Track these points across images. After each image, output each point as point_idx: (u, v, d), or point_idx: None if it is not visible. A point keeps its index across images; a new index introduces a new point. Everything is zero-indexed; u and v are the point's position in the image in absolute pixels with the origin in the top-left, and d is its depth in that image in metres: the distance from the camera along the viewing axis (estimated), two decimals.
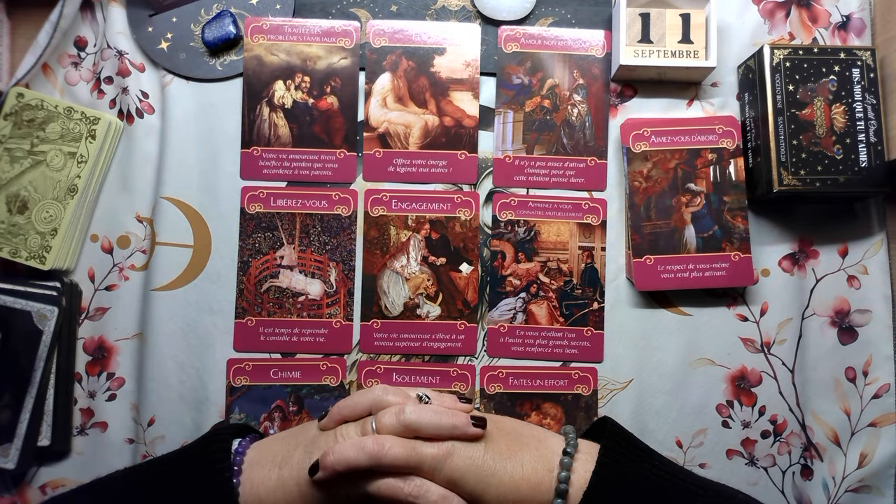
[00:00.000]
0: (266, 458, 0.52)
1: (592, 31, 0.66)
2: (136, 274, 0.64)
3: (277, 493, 0.50)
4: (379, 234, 0.65)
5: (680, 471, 0.53)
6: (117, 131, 0.65)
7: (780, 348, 0.64)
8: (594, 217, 0.65)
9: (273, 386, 0.63)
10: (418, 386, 0.63)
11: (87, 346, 0.64)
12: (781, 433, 0.64)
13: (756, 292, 0.65)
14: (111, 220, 0.65)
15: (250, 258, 0.64)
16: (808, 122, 0.61)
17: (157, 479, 0.52)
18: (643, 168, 0.63)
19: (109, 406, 0.63)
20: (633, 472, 0.50)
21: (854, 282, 0.65)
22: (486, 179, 0.66)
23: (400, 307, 0.64)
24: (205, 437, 0.54)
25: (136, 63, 0.65)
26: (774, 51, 0.61)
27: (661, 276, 0.63)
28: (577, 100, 0.66)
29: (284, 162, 0.65)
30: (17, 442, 0.59)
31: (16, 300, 0.60)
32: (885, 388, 0.64)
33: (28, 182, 0.62)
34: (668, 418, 0.63)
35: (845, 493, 0.63)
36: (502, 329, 0.64)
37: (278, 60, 0.65)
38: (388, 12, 0.67)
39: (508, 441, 0.51)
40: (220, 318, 0.64)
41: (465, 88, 0.66)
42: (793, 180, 0.60)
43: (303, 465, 0.50)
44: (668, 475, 0.51)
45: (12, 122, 0.62)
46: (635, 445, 0.53)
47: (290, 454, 0.51)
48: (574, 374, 0.64)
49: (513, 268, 0.65)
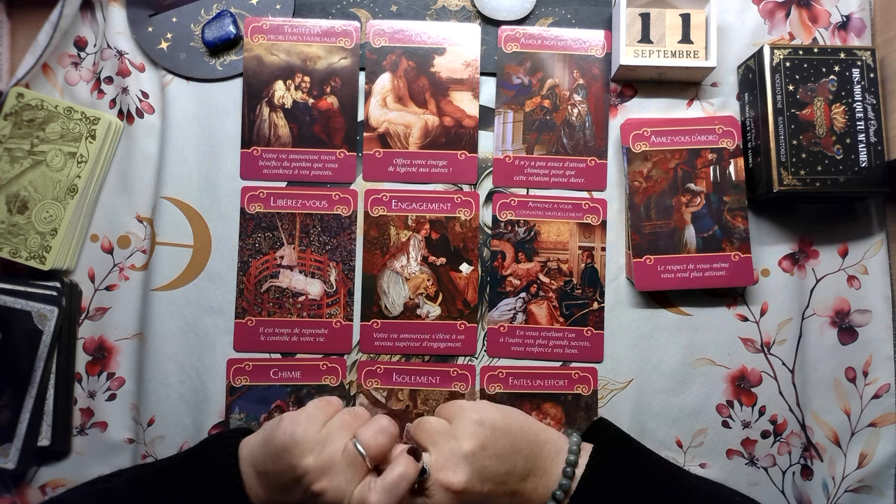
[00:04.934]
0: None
1: (592, 31, 0.66)
2: (136, 274, 0.64)
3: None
4: (379, 234, 0.65)
5: (677, 472, 0.53)
6: (117, 131, 0.65)
7: (780, 348, 0.64)
8: (594, 217, 0.65)
9: (273, 386, 0.63)
10: (418, 386, 0.63)
11: (87, 346, 0.64)
12: (781, 433, 0.64)
13: (756, 292, 0.65)
14: (111, 220, 0.65)
15: (250, 258, 0.64)
16: (808, 122, 0.61)
17: (164, 484, 0.52)
18: (643, 168, 0.63)
19: (109, 406, 0.63)
20: (625, 473, 0.51)
21: (854, 282, 0.65)
22: (486, 179, 0.66)
23: (400, 307, 0.64)
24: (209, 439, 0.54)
25: (136, 63, 0.65)
26: (774, 51, 0.61)
27: (661, 276, 0.63)
28: (577, 100, 0.66)
29: (284, 162, 0.65)
30: (17, 442, 0.59)
31: (16, 300, 0.60)
32: (885, 388, 0.64)
33: (28, 182, 0.62)
34: (668, 418, 0.63)
35: (845, 493, 0.63)
36: (502, 329, 0.64)
37: (278, 60, 0.65)
38: (388, 12, 0.67)
39: (508, 469, 0.51)
40: (220, 318, 0.64)
41: (465, 88, 0.66)
42: (793, 180, 0.60)
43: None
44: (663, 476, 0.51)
45: (12, 122, 0.62)
46: (629, 446, 0.53)
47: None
48: (574, 374, 0.64)
49: (513, 268, 0.65)
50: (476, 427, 0.52)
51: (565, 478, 0.50)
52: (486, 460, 0.51)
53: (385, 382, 0.64)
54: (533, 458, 0.52)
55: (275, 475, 0.50)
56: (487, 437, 0.52)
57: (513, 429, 0.53)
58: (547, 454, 0.52)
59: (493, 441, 0.52)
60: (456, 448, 0.51)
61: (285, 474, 0.50)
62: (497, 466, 0.51)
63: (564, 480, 0.50)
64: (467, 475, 0.50)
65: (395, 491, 0.48)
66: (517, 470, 0.51)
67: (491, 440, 0.52)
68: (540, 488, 0.51)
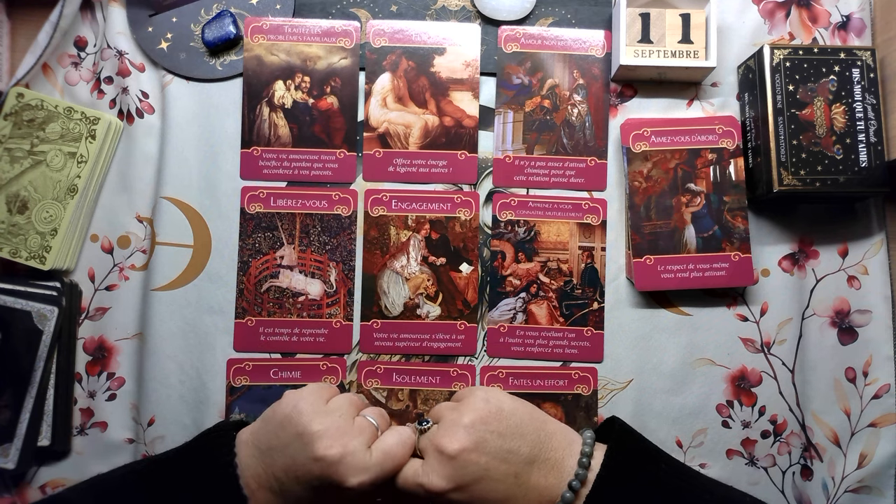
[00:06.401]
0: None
1: (592, 31, 0.66)
2: (136, 274, 0.64)
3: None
4: (379, 234, 0.65)
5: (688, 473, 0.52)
6: (117, 131, 0.65)
7: (780, 348, 0.64)
8: (594, 217, 0.65)
9: (273, 386, 0.63)
10: (418, 386, 0.63)
11: (87, 346, 0.64)
12: (781, 433, 0.64)
13: (756, 292, 0.65)
14: (111, 220, 0.65)
15: (250, 258, 0.64)
16: (808, 122, 0.61)
17: (161, 476, 0.52)
18: (643, 168, 0.63)
19: (109, 406, 0.63)
20: (638, 475, 0.50)
21: (854, 282, 0.65)
22: (486, 179, 0.66)
23: (400, 307, 0.64)
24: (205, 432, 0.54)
25: (136, 63, 0.65)
26: (774, 51, 0.61)
27: (661, 276, 0.63)
28: (577, 100, 0.66)
29: (284, 162, 0.65)
30: (17, 442, 0.59)
31: (16, 300, 0.60)
32: (885, 388, 0.64)
33: (28, 182, 0.62)
34: (668, 418, 0.63)
35: (845, 494, 0.63)
36: (502, 329, 0.64)
37: (278, 60, 0.65)
38: (388, 12, 0.67)
39: (519, 462, 0.51)
40: (220, 318, 0.64)
41: (465, 88, 0.66)
42: (793, 180, 0.60)
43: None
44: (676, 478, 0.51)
45: (12, 122, 0.62)
46: (643, 446, 0.53)
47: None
48: (574, 374, 0.64)
49: (513, 268, 0.65)
50: (481, 403, 0.53)
51: (581, 468, 0.50)
52: (487, 434, 0.51)
53: (385, 382, 0.64)
54: (539, 444, 0.52)
55: (279, 448, 0.50)
56: (491, 414, 0.52)
57: (519, 412, 0.53)
58: (557, 444, 0.52)
59: (496, 418, 0.52)
60: (457, 419, 0.52)
61: (291, 445, 0.50)
62: (498, 442, 0.51)
63: (581, 471, 0.50)
64: (462, 443, 0.50)
65: (405, 445, 0.52)
66: (521, 451, 0.51)
67: (494, 417, 0.52)
68: (552, 478, 0.51)
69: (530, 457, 0.51)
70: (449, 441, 0.50)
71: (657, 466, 0.51)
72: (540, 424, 0.53)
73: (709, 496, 0.51)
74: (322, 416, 0.51)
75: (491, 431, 0.51)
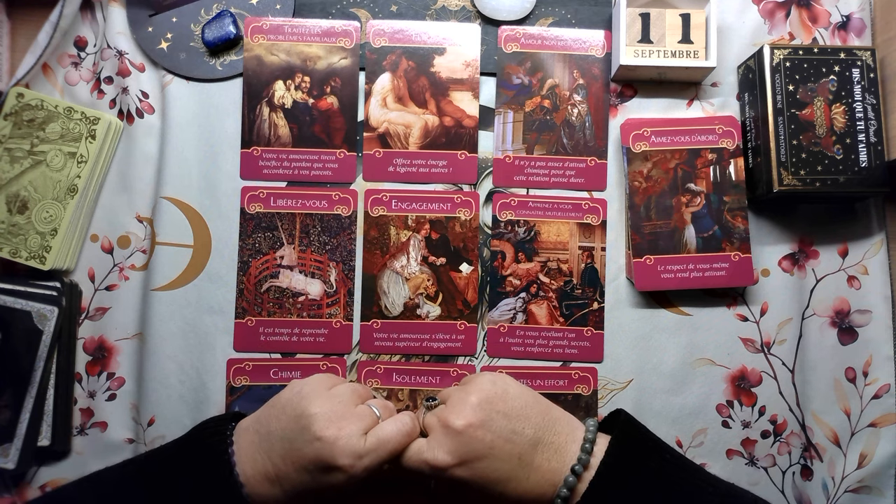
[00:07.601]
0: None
1: (592, 31, 0.66)
2: (136, 274, 0.64)
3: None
4: (379, 234, 0.65)
5: (692, 466, 0.53)
6: (117, 131, 0.65)
7: (780, 348, 0.64)
8: (594, 217, 0.65)
9: (273, 386, 0.63)
10: (418, 386, 0.63)
11: (87, 346, 0.64)
12: (781, 433, 0.64)
13: (756, 292, 0.65)
14: (111, 220, 0.65)
15: (250, 258, 0.64)
16: (808, 122, 0.61)
17: (158, 468, 0.52)
18: (643, 168, 0.63)
19: (109, 406, 0.63)
20: (642, 463, 0.51)
21: (854, 282, 0.65)
22: (486, 179, 0.66)
23: (400, 307, 0.64)
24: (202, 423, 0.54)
25: (136, 63, 0.65)
26: (774, 51, 0.61)
27: (661, 276, 0.63)
28: (577, 100, 0.66)
29: (284, 162, 0.65)
30: (17, 442, 0.59)
31: (16, 300, 0.60)
32: (885, 388, 0.64)
33: (28, 182, 0.62)
34: (668, 418, 0.63)
35: (845, 494, 0.63)
36: (502, 329, 0.64)
37: (278, 60, 0.65)
38: (388, 12, 0.67)
39: (524, 447, 0.52)
40: (220, 318, 0.64)
41: (465, 88, 0.66)
42: (793, 180, 0.60)
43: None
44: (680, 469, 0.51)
45: (12, 122, 0.62)
46: (647, 438, 0.53)
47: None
48: (574, 374, 0.64)
49: (513, 268, 0.65)
50: (488, 384, 0.53)
51: (584, 453, 0.51)
52: (493, 413, 0.51)
53: (385, 382, 0.64)
54: (543, 428, 0.52)
55: (278, 432, 0.51)
56: (497, 395, 0.52)
57: (524, 396, 0.54)
58: (560, 429, 0.53)
59: (501, 399, 0.52)
60: (465, 397, 0.52)
61: (289, 427, 0.50)
62: (503, 422, 0.51)
63: (584, 455, 0.51)
64: (468, 419, 0.50)
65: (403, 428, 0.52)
66: (525, 433, 0.51)
67: (500, 398, 0.52)
68: (555, 462, 0.51)
69: (534, 439, 0.51)
70: (456, 416, 0.51)
71: (661, 457, 0.52)
72: (545, 409, 0.54)
73: (712, 489, 0.51)
74: (322, 400, 0.51)
75: (497, 411, 0.52)
